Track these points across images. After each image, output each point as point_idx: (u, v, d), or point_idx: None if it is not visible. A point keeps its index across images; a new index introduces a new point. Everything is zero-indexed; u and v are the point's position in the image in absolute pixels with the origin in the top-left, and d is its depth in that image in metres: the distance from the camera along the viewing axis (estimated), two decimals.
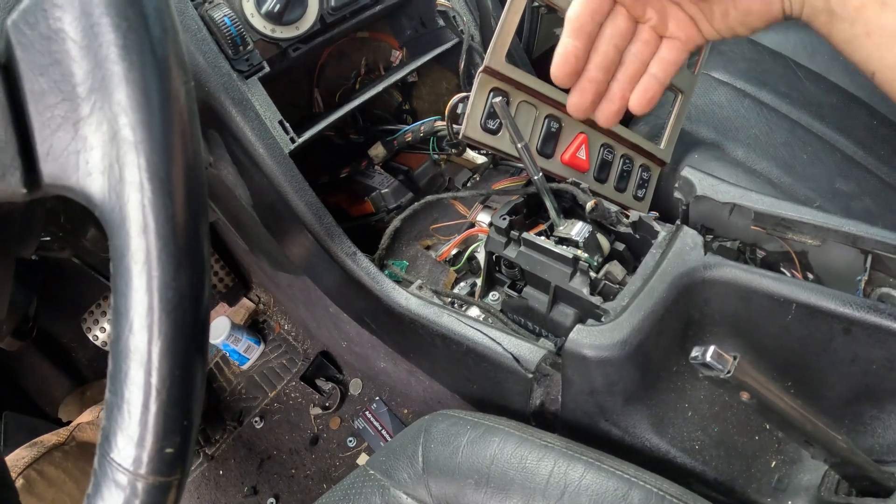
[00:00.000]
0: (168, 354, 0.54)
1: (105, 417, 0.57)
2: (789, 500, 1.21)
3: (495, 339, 1.38)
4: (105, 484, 0.57)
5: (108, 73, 0.53)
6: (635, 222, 1.44)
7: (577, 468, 1.09)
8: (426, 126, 1.79)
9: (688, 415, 1.29)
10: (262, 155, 1.47)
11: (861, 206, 1.69)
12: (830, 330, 1.17)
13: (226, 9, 1.43)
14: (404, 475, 1.22)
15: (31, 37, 0.55)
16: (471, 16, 1.87)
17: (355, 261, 1.56)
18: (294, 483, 2.57)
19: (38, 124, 0.56)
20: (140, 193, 0.52)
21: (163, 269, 0.52)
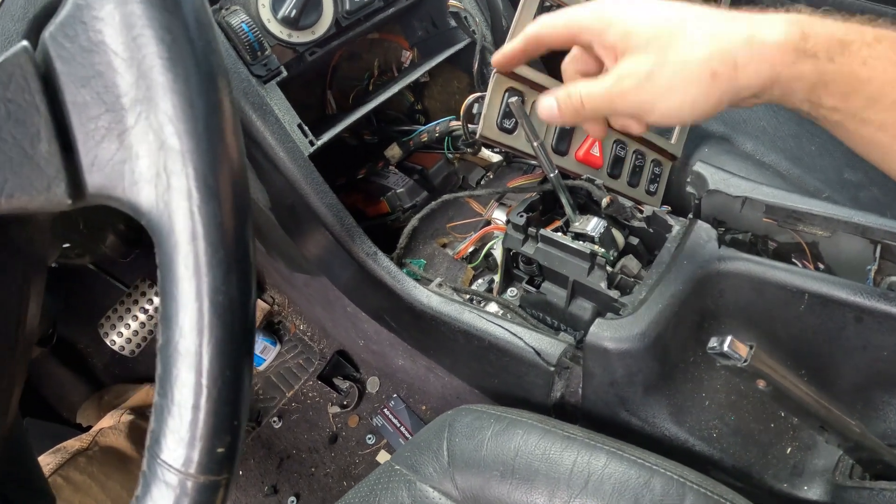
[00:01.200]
0: (219, 356, 0.55)
1: (154, 420, 0.57)
2: (805, 485, 1.22)
3: (517, 333, 1.40)
4: (155, 484, 0.58)
5: (152, 85, 0.54)
6: (649, 217, 1.45)
7: (599, 458, 1.11)
8: (441, 126, 1.80)
9: (705, 404, 1.31)
10: (282, 158, 1.48)
11: (869, 196, 1.70)
12: (842, 318, 1.19)
13: (243, 15, 1.45)
14: (430, 469, 1.23)
15: (72, 49, 0.56)
16: (482, 16, 1.88)
17: (376, 260, 1.57)
18: (314, 481, 2.58)
19: (81, 136, 0.57)
20: (189, 201, 0.53)
21: (213, 275, 0.54)
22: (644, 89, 0.94)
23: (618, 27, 0.96)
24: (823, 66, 0.85)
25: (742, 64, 0.88)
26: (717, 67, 0.89)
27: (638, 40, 0.93)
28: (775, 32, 0.86)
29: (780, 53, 0.86)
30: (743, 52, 0.87)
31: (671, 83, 0.92)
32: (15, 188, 0.57)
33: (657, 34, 0.92)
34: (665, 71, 0.92)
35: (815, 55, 0.85)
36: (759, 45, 0.87)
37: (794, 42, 0.85)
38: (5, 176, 0.56)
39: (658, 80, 0.92)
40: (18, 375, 0.84)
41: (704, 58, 0.89)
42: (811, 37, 0.85)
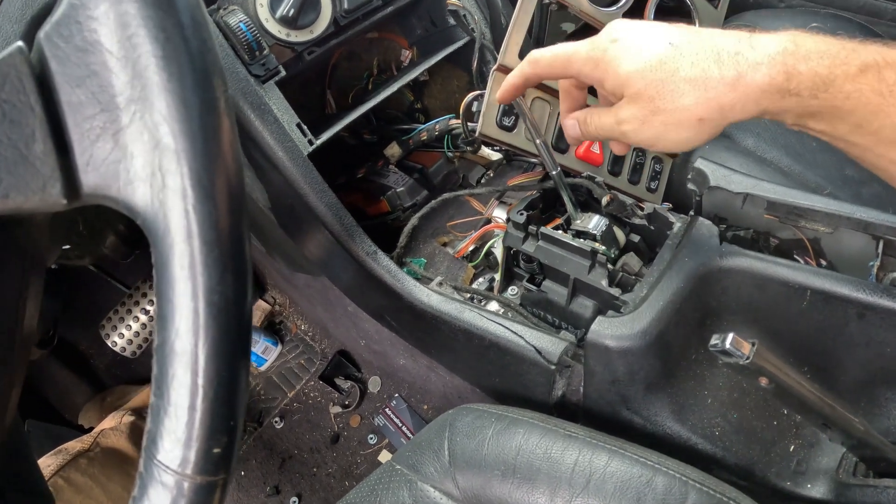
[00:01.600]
0: (215, 356, 0.55)
1: (150, 421, 0.57)
2: (808, 482, 1.22)
3: (517, 332, 1.40)
4: (151, 485, 0.58)
5: (147, 84, 0.53)
6: (650, 214, 1.45)
7: (601, 456, 1.11)
8: (441, 124, 1.80)
9: (707, 402, 1.31)
10: (281, 158, 1.48)
11: (871, 192, 1.70)
12: (845, 315, 1.19)
13: (241, 14, 1.44)
14: (431, 469, 1.23)
15: (66, 49, 0.55)
16: (481, 14, 1.88)
17: (376, 259, 1.57)
18: (316, 481, 2.58)
19: (76, 135, 0.56)
20: (184, 200, 0.53)
21: (209, 275, 0.54)
22: (641, 132, 1.03)
23: (613, 78, 1.03)
24: (807, 101, 0.91)
25: (728, 106, 0.94)
26: (703, 113, 0.96)
27: (631, 90, 1.01)
28: (759, 75, 0.91)
29: (765, 94, 0.92)
30: (728, 96, 0.93)
31: (664, 128, 1.00)
32: (10, 188, 0.57)
33: (647, 85, 0.99)
34: (657, 119, 1.00)
35: (799, 93, 0.90)
36: (745, 88, 0.92)
37: (779, 84, 0.90)
38: (0, 176, 0.56)
39: (652, 126, 1.01)
40: (17, 377, 0.84)
41: (690, 106, 0.96)
42: (795, 76, 0.90)
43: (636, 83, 0.99)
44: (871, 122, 0.89)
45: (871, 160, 0.95)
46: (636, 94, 1.00)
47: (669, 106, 0.97)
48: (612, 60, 1.02)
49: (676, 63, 0.96)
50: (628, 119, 1.03)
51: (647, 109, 1.00)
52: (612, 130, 1.08)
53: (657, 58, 0.98)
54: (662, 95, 0.97)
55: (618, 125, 1.06)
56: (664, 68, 0.97)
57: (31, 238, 0.77)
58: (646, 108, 1.00)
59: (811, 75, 0.89)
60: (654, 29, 1.02)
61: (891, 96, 0.87)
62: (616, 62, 1.02)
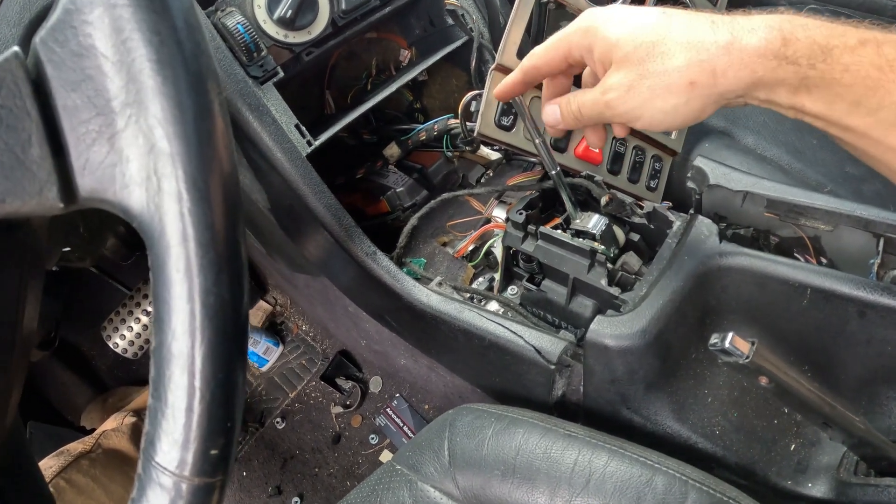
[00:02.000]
0: (211, 358, 0.55)
1: (148, 422, 0.58)
2: (809, 481, 1.22)
3: (517, 332, 1.40)
4: (150, 487, 0.58)
5: (142, 88, 0.54)
6: (650, 213, 1.45)
7: (601, 456, 1.11)
8: (440, 124, 1.80)
9: (708, 401, 1.31)
10: (279, 159, 1.48)
11: (871, 189, 1.70)
12: (845, 313, 1.19)
13: (238, 16, 1.45)
14: (431, 469, 1.23)
15: (62, 54, 0.56)
16: (479, 13, 1.88)
17: (375, 260, 1.57)
18: (318, 482, 2.59)
19: (72, 139, 0.57)
20: (179, 203, 0.53)
21: (204, 276, 0.54)
22: (627, 100, 1.00)
23: (602, 42, 1.01)
24: (805, 71, 0.87)
25: (721, 71, 0.91)
26: (694, 76, 0.92)
27: (620, 53, 0.98)
28: (755, 38, 0.88)
29: (761, 59, 0.88)
30: (722, 60, 0.90)
31: (651, 94, 0.97)
32: (6, 193, 0.57)
33: (637, 47, 0.96)
34: (644, 82, 0.97)
35: (796, 61, 0.87)
36: (739, 52, 0.89)
37: (775, 48, 0.87)
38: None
39: (639, 91, 0.98)
40: (17, 379, 0.84)
41: (681, 67, 0.93)
42: (792, 42, 0.87)
43: (625, 45, 0.98)
44: (869, 99, 0.86)
45: (869, 149, 0.92)
46: (624, 58, 0.98)
47: (659, 68, 0.95)
48: (602, 25, 1.01)
49: (668, 26, 0.95)
50: (614, 86, 1.01)
51: (635, 73, 0.98)
52: (596, 103, 1.05)
53: (649, 21, 0.97)
54: (652, 57, 0.95)
55: (602, 95, 1.03)
56: (656, 31, 0.95)
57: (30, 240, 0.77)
58: (633, 72, 0.98)
59: (809, 42, 0.87)
60: (646, 6, 1.02)
61: (891, 71, 0.85)
62: (606, 26, 1.00)
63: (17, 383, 0.85)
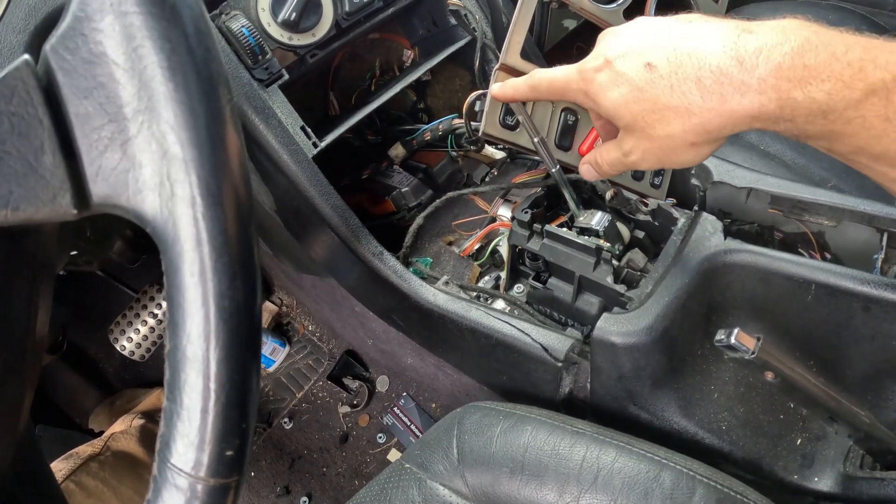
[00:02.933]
0: (226, 360, 0.55)
1: (164, 425, 0.58)
2: (815, 476, 1.23)
3: (524, 330, 1.40)
4: (165, 488, 0.58)
5: (154, 94, 0.54)
6: (654, 210, 1.46)
7: (608, 452, 1.11)
8: (445, 124, 1.81)
9: (714, 397, 1.31)
10: (286, 161, 1.49)
11: (875, 184, 1.70)
12: (850, 308, 1.19)
13: (243, 19, 1.45)
14: (440, 467, 1.24)
15: (73, 61, 0.56)
16: (482, 13, 1.89)
17: (382, 260, 1.58)
18: (326, 481, 2.59)
19: (85, 146, 0.57)
20: (192, 208, 0.53)
21: (219, 280, 0.54)
22: (647, 160, 1.04)
23: (603, 111, 1.04)
24: (802, 126, 0.86)
25: (717, 129, 0.92)
26: (692, 138, 0.95)
27: (622, 123, 1.03)
28: (748, 101, 0.87)
29: (756, 120, 0.89)
30: (715, 123, 0.91)
31: (665, 153, 1.01)
32: (20, 200, 0.57)
33: (635, 117, 0.99)
34: (655, 146, 1.00)
35: (793, 120, 0.85)
36: (731, 114, 0.89)
37: (770, 111, 0.86)
38: (10, 188, 0.56)
39: (653, 153, 1.02)
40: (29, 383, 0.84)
41: (679, 134, 0.96)
42: (788, 105, 0.84)
43: (624, 116, 1.00)
44: (873, 147, 0.83)
45: (873, 176, 0.91)
46: (628, 126, 1.02)
47: (661, 133, 0.97)
48: (599, 92, 1.03)
49: (656, 90, 0.95)
50: (631, 150, 1.05)
51: (645, 139, 1.01)
52: (623, 163, 1.09)
53: (636, 86, 0.97)
54: (651, 125, 0.98)
55: (625, 157, 1.07)
56: (645, 97, 0.97)
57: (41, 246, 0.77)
58: (642, 138, 1.01)
59: (807, 103, 0.82)
60: (635, 41, 1.00)
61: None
62: (602, 94, 1.02)
63: (30, 388, 0.85)
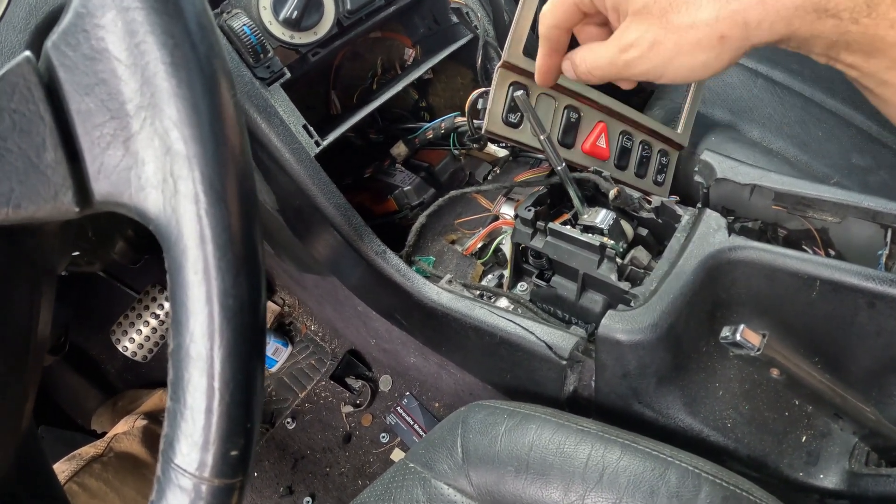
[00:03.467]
0: (230, 359, 0.55)
1: (167, 425, 0.58)
2: (820, 473, 1.23)
3: (528, 328, 1.40)
4: (169, 489, 0.58)
5: (157, 90, 0.54)
6: (657, 207, 1.46)
7: (614, 450, 1.11)
8: (447, 123, 1.81)
9: (719, 394, 1.31)
10: (288, 160, 1.49)
11: (878, 180, 1.70)
12: (855, 305, 1.18)
13: (244, 18, 1.45)
14: (444, 466, 1.24)
15: (74, 58, 0.56)
16: (484, 11, 1.89)
17: (385, 259, 1.58)
18: (329, 481, 2.59)
19: (86, 143, 0.57)
20: (196, 205, 0.53)
21: (222, 278, 0.54)
22: (649, 58, 0.89)
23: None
24: (846, 26, 0.78)
25: (755, 23, 0.80)
26: (725, 30, 0.82)
27: (637, 4, 0.88)
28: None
29: (798, 12, 0.78)
30: (755, 11, 0.79)
31: (678, 50, 0.86)
32: (22, 198, 0.57)
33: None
34: (669, 38, 0.86)
35: (838, 15, 0.77)
36: (774, 3, 0.78)
37: (815, 2, 0.77)
38: (12, 186, 0.57)
39: (663, 48, 0.87)
40: (31, 384, 0.84)
41: (710, 21, 0.82)
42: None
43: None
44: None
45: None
46: (643, 9, 0.87)
47: (686, 20, 0.83)
48: None
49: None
50: (635, 41, 0.89)
51: (658, 27, 0.86)
52: (613, 63, 0.93)
53: None
54: (677, 7, 0.83)
55: (621, 53, 0.91)
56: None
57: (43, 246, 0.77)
58: (656, 26, 0.86)
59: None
60: None
61: None
62: None
63: (32, 389, 0.85)
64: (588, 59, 0.98)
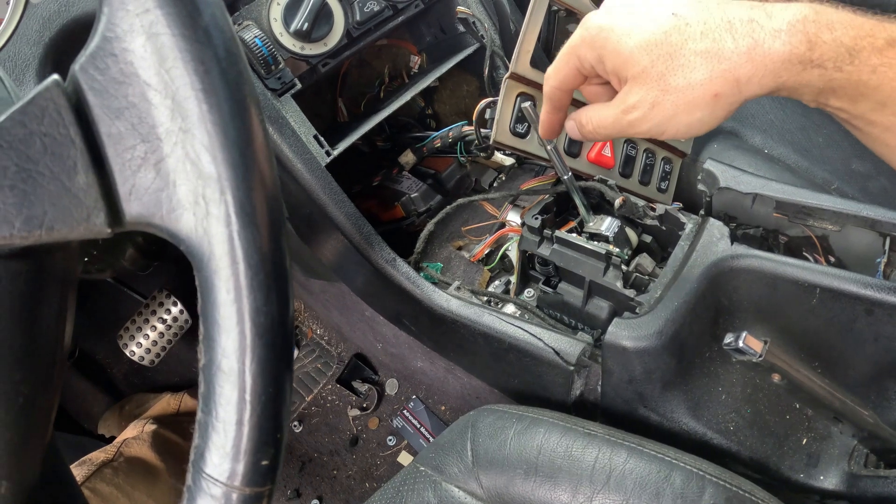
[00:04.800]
0: (262, 374, 0.56)
1: (198, 436, 0.59)
2: (821, 474, 1.25)
3: (536, 334, 1.42)
4: (200, 497, 0.59)
5: (187, 115, 0.55)
6: (662, 215, 1.48)
7: (620, 453, 1.14)
8: (454, 132, 1.83)
9: (721, 398, 1.33)
10: (300, 170, 1.51)
11: (878, 186, 1.71)
12: (853, 311, 1.20)
13: (256, 30, 1.47)
14: (455, 469, 1.26)
15: (103, 81, 0.56)
16: (490, 21, 1.90)
17: (395, 266, 1.60)
18: (337, 484, 2.60)
19: (118, 166, 0.57)
20: (228, 227, 0.55)
21: (254, 297, 0.55)
22: (650, 119, 0.95)
23: (613, 55, 0.95)
24: (831, 74, 0.83)
25: (745, 79, 0.87)
26: (718, 88, 0.88)
27: (636, 69, 0.93)
28: (779, 43, 0.84)
29: (785, 65, 0.84)
30: (745, 68, 0.86)
31: (675, 109, 0.92)
32: (55, 220, 0.58)
33: (654, 61, 0.91)
34: (668, 99, 0.91)
35: (822, 65, 0.83)
36: (762, 58, 0.85)
37: (800, 53, 0.83)
38: (45, 209, 0.57)
39: (663, 108, 0.93)
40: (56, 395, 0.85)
41: (705, 81, 0.88)
42: (818, 45, 0.83)
43: (640, 60, 0.91)
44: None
45: (892, 143, 0.89)
46: (642, 73, 0.92)
47: (682, 82, 0.89)
48: (610, 35, 0.94)
49: (684, 34, 0.89)
50: (636, 103, 0.94)
51: (657, 89, 0.91)
52: (618, 122, 0.99)
53: (662, 29, 0.90)
54: (672, 71, 0.89)
55: (624, 114, 0.97)
56: (670, 41, 0.89)
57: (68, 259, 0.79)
58: (655, 88, 0.91)
59: (835, 45, 0.82)
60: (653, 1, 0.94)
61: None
62: (615, 37, 0.94)
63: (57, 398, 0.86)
64: (594, 120, 1.04)
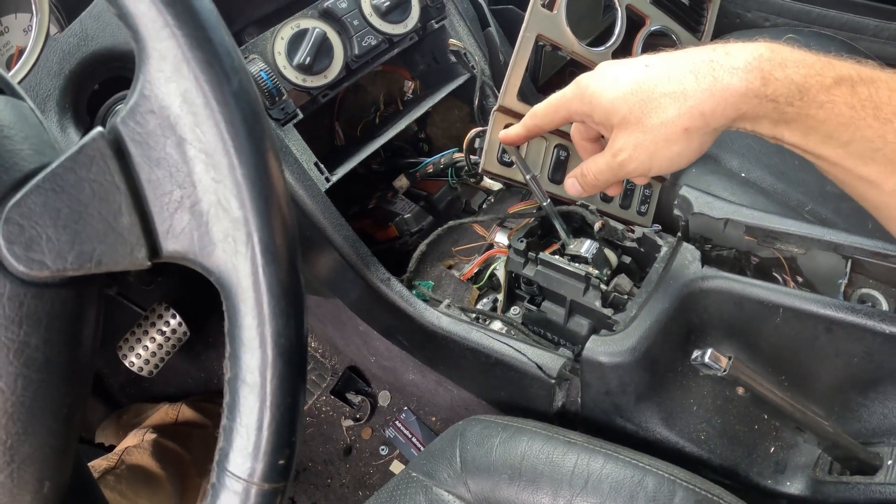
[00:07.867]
0: (280, 386, 0.64)
1: (223, 439, 0.66)
2: (787, 480, 1.32)
3: (520, 350, 1.49)
4: (223, 492, 0.66)
5: (219, 167, 0.62)
6: (640, 238, 1.56)
7: (597, 460, 1.21)
8: (446, 158, 1.91)
9: (693, 409, 1.41)
10: (300, 195, 1.56)
11: (850, 206, 1.74)
12: (815, 329, 1.28)
13: (260, 63, 1.53)
14: (444, 475, 1.32)
15: (143, 134, 0.62)
16: (481, 53, 1.97)
17: (390, 286, 1.66)
18: (331, 492, 2.63)
19: (156, 208, 0.64)
20: (253, 264, 0.62)
21: (276, 322, 0.63)
22: (636, 158, 1.07)
23: (600, 109, 1.08)
24: (783, 108, 0.93)
25: (709, 113, 0.97)
26: (687, 123, 0.99)
27: (618, 117, 1.05)
28: (736, 79, 0.94)
29: (743, 98, 0.94)
30: (708, 104, 0.96)
31: (655, 146, 1.03)
32: (103, 255, 0.64)
33: (632, 107, 1.03)
34: (647, 138, 1.03)
35: (776, 99, 0.93)
36: (722, 93, 0.95)
37: (755, 88, 0.93)
38: (94, 246, 0.64)
39: (644, 147, 1.05)
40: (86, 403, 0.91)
41: (675, 118, 0.99)
42: (771, 82, 0.92)
43: (620, 108, 1.04)
44: (841, 134, 0.91)
45: (841, 176, 0.99)
46: (623, 120, 1.04)
47: (656, 121, 1.00)
48: (595, 91, 1.08)
49: (654, 81, 1.01)
50: (622, 146, 1.07)
51: (638, 131, 1.03)
52: (610, 167, 1.11)
53: (635, 80, 1.03)
54: (647, 114, 1.01)
55: (614, 158, 1.09)
56: (643, 88, 1.02)
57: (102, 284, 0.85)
58: (637, 131, 1.03)
59: (787, 82, 0.91)
60: (632, 59, 1.09)
61: (862, 110, 0.89)
62: (599, 92, 1.07)
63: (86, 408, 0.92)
64: (592, 169, 1.17)
